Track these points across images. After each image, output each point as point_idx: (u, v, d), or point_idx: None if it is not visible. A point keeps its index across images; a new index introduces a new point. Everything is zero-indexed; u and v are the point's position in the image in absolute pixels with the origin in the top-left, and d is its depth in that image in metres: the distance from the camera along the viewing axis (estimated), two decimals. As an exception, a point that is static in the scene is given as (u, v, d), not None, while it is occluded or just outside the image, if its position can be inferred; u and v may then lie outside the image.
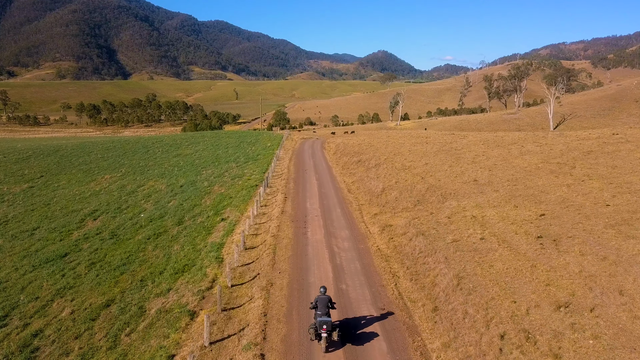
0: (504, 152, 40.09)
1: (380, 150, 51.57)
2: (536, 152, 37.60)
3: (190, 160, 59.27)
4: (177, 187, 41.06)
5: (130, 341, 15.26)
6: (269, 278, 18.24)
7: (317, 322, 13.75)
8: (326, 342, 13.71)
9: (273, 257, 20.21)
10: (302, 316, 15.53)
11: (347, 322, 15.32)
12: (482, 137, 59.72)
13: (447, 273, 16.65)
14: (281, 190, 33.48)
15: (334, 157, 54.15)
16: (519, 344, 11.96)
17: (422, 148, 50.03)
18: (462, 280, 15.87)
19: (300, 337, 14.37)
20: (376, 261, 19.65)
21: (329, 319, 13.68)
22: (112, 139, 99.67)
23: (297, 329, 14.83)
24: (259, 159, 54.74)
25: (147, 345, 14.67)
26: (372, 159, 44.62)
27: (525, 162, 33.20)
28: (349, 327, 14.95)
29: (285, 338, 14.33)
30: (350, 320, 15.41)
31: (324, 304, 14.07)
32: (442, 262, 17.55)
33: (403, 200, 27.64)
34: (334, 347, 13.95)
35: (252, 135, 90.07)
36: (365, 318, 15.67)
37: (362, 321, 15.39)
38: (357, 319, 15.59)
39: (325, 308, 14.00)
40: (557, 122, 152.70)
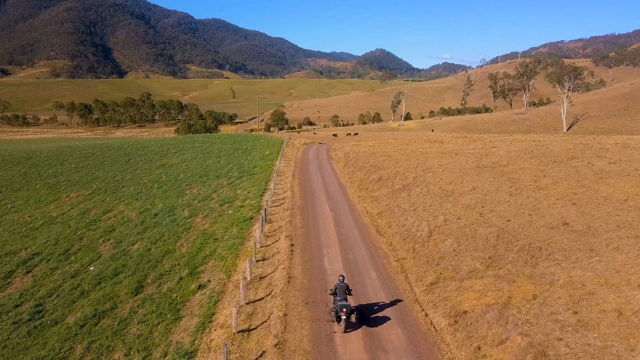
0: (570, 171, 31.21)
1: (401, 163, 42.64)
2: (618, 173, 28.74)
3: (175, 174, 50.18)
4: (150, 217, 32.01)
5: None
6: None
7: (337, 306, 14.96)
8: (345, 324, 14.93)
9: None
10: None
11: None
12: (520, 146, 50.78)
13: None
14: (285, 230, 24.39)
15: (345, 172, 45.24)
16: None
17: (455, 161, 41.09)
18: None
19: None
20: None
21: (347, 303, 14.99)
22: (94, 144, 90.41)
23: None
24: (255, 174, 45.72)
25: None
26: (396, 177, 35.67)
27: (618, 192, 24.29)
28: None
29: None
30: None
31: (342, 290, 15.38)
32: None
33: (466, 256, 18.70)
34: (351, 328, 15.04)
35: (248, 140, 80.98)
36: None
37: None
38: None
39: (343, 294, 15.32)
40: (569, 123, 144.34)
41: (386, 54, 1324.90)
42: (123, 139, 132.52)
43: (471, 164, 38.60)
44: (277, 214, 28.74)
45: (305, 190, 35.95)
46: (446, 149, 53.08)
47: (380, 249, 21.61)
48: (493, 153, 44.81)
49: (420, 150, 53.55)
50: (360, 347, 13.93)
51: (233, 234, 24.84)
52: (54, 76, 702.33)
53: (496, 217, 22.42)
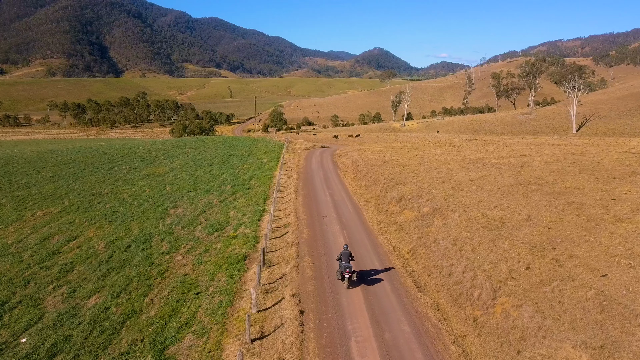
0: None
1: (422, 176, 36.39)
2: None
3: (160, 187, 43.82)
4: (120, 250, 25.70)
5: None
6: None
7: (342, 267, 18.83)
8: (348, 282, 18.68)
9: None
10: None
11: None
12: (554, 154, 44.48)
13: None
14: (290, 283, 17.97)
15: (356, 186, 39.00)
16: None
17: (486, 175, 34.82)
18: None
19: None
20: None
21: (350, 265, 18.84)
22: (79, 148, 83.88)
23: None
24: (251, 188, 39.43)
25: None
26: (422, 195, 29.44)
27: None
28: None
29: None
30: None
31: (346, 256, 19.31)
32: None
33: (562, 341, 12.50)
34: (353, 285, 18.66)
35: (245, 144, 74.62)
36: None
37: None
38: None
39: (347, 259, 19.20)
40: (578, 124, 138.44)
41: (384, 52, 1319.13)
42: (113, 141, 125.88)
43: (508, 179, 32.35)
44: (278, 250, 22.46)
45: (312, 212, 29.66)
46: (468, 157, 46.83)
47: (427, 319, 15.29)
48: (528, 164, 38.55)
49: (438, 159, 47.30)
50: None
51: (221, 285, 18.58)
52: (49, 75, 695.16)
53: (582, 269, 16.19)
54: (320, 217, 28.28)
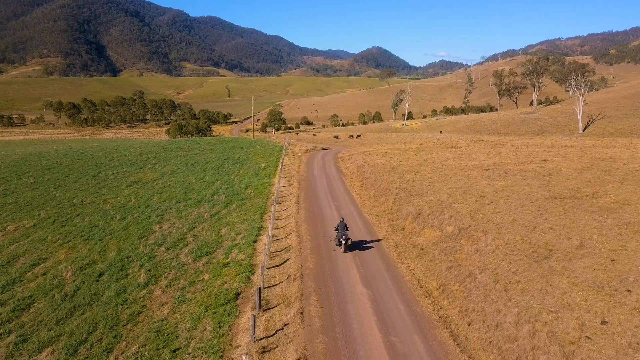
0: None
1: (438, 185, 32.42)
2: None
3: (147, 196, 39.76)
4: (91, 280, 21.65)
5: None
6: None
7: (339, 235, 23.09)
8: (344, 247, 23.03)
9: None
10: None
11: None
12: (581, 158, 40.42)
13: None
14: (294, 338, 13.75)
15: (364, 196, 34.95)
16: None
17: (511, 185, 30.82)
18: None
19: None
20: None
21: (346, 233, 23.10)
22: (68, 150, 79.66)
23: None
24: (247, 198, 35.39)
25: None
26: (443, 210, 25.47)
27: None
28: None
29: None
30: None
31: (342, 227, 23.28)
32: None
33: None
34: (348, 250, 23.07)
35: (241, 147, 70.53)
36: None
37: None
38: None
39: (343, 229, 23.22)
40: (584, 123, 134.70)
41: (383, 51, 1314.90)
42: (106, 142, 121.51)
43: (540, 191, 28.35)
44: (278, 285, 18.41)
45: (316, 231, 25.60)
46: (484, 162, 42.83)
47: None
48: (556, 172, 34.54)
49: (451, 164, 43.32)
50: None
51: (205, 338, 14.58)
52: (46, 74, 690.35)
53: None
54: (327, 239, 24.22)
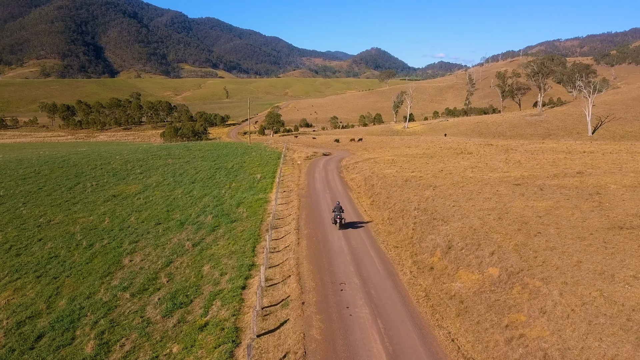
0: None
1: (465, 206, 27.14)
2: None
3: (124, 215, 34.42)
4: (25, 344, 16.40)
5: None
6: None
7: (335, 215, 27.32)
8: (339, 225, 26.98)
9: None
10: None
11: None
12: (628, 175, 35.10)
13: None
14: None
15: (378, 217, 29.51)
16: None
17: (554, 207, 25.55)
18: None
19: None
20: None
21: (341, 213, 27.21)
22: (49, 157, 74.15)
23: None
24: (239, 220, 30.04)
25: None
26: (480, 245, 20.20)
27: None
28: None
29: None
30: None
31: (338, 207, 27.39)
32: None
33: None
34: (342, 228, 26.82)
35: (236, 153, 65.17)
36: None
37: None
38: None
39: (339, 210, 27.26)
40: (593, 126, 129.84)
41: (382, 52, 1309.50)
42: (97, 146, 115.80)
43: (594, 217, 23.06)
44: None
45: (322, 273, 20.09)
46: (509, 174, 37.49)
47: None
48: (603, 189, 29.22)
49: (471, 175, 38.02)
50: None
51: None
52: (43, 76, 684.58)
53: None
54: (336, 286, 18.76)
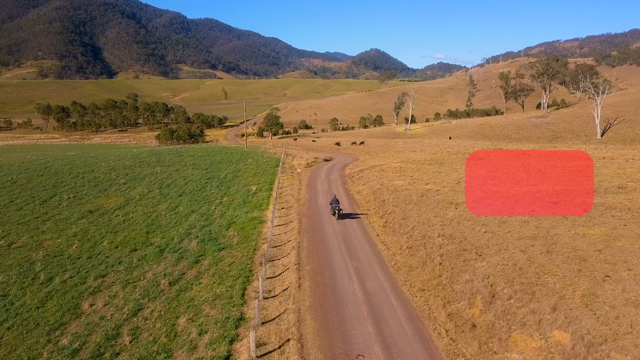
0: None
1: (500, 234, 22.45)
2: None
3: (98, 237, 29.65)
4: None
5: None
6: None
7: (334, 207, 30.62)
8: (337, 215, 30.08)
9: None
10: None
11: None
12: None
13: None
14: None
15: (395, 246, 24.63)
16: None
17: (611, 234, 20.86)
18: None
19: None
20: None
21: (338, 205, 30.56)
22: (30, 163, 69.16)
23: None
24: (228, 248, 25.25)
25: None
26: (535, 295, 15.50)
27: None
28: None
29: None
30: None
31: (335, 200, 30.77)
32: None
33: None
34: (340, 218, 29.91)
35: (231, 159, 60.38)
36: None
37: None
38: None
39: (337, 203, 30.54)
40: (602, 128, 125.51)
41: (381, 53, 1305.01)
42: (89, 149, 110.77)
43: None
44: None
45: (332, 339, 15.11)
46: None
47: None
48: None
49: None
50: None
51: None
52: (41, 77, 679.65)
53: None
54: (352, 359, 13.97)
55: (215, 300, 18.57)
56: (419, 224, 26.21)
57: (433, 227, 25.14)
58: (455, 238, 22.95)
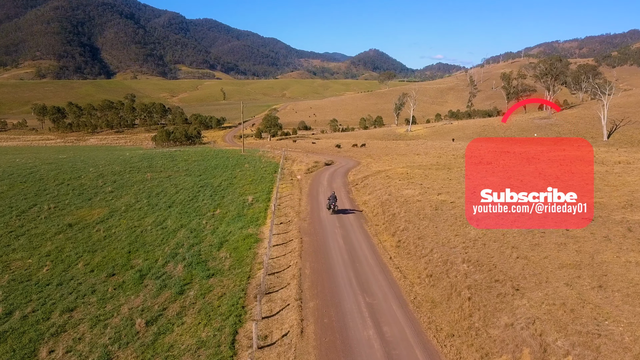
0: None
1: (536, 260, 19.11)
2: None
3: (73, 257, 26.24)
4: None
5: None
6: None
7: (330, 202, 32.74)
8: (332, 210, 32.52)
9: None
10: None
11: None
12: None
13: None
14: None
15: (411, 272, 21.07)
16: None
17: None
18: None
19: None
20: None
21: (334, 201, 32.66)
22: (15, 168, 65.67)
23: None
24: (218, 274, 21.84)
25: None
26: (600, 353, 12.10)
27: None
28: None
29: None
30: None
31: (332, 196, 32.94)
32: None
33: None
34: (335, 213, 32.34)
35: (227, 164, 56.99)
36: None
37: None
38: None
39: (333, 199, 32.69)
40: (608, 130, 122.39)
41: (380, 54, 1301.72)
42: (81, 152, 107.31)
43: None
44: None
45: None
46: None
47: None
48: None
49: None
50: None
51: None
52: (39, 77, 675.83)
53: None
54: None
55: (199, 350, 15.18)
56: (437, 245, 22.84)
57: (455, 250, 21.78)
58: (483, 265, 19.59)
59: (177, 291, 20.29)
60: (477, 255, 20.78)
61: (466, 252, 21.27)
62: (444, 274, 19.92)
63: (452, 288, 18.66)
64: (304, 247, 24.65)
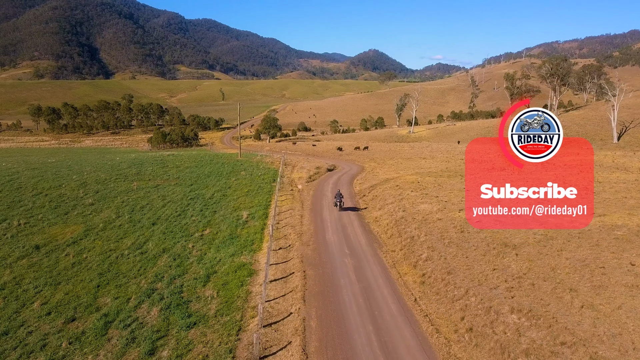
0: None
1: (606, 312, 14.72)
2: None
3: (30, 291, 21.71)
4: None
5: None
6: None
7: (337, 199, 34.77)
8: (339, 207, 34.50)
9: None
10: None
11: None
12: None
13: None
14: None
15: (445, 325, 16.48)
16: None
17: None
18: None
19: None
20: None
21: (341, 198, 34.84)
22: (7, 172, 61.35)
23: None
24: (200, 323, 17.42)
25: None
26: None
27: None
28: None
29: None
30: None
31: (339, 194, 35.14)
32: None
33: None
34: (342, 210, 34.45)
35: (222, 171, 52.55)
36: None
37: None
38: None
39: (340, 197, 34.80)
40: (617, 132, 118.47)
41: (379, 54, 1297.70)
42: (71, 155, 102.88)
43: None
44: None
45: None
46: (609, 218, 25.01)
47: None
48: None
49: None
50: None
51: None
52: (37, 77, 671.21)
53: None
54: None
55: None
56: (473, 283, 18.43)
57: (497, 292, 17.37)
58: (539, 317, 15.19)
59: (147, 350, 15.84)
60: (528, 301, 16.38)
61: (512, 297, 16.87)
62: (488, 329, 15.50)
63: (502, 351, 14.24)
64: (308, 284, 20.15)
